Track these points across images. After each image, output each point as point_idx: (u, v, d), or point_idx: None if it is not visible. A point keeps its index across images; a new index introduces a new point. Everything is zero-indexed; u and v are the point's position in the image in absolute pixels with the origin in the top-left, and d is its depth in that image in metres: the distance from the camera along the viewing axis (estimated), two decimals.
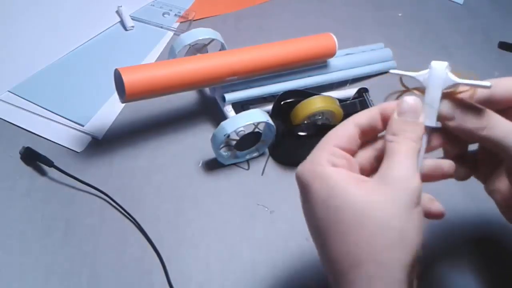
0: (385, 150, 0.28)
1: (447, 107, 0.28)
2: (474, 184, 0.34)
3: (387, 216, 0.25)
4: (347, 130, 0.29)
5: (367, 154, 0.30)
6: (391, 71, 0.30)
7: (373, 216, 0.26)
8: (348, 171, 0.28)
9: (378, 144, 0.30)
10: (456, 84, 0.28)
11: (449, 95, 0.28)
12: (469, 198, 0.46)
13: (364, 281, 0.25)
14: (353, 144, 0.29)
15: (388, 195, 0.26)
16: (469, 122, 0.28)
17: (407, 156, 0.27)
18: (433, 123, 0.28)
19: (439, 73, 0.28)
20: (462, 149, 0.32)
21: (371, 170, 0.30)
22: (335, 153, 0.28)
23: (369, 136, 0.30)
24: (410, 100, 0.28)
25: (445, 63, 0.28)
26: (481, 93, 0.29)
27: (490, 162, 0.32)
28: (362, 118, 0.30)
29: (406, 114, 0.28)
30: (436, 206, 0.30)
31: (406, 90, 0.30)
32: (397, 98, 0.30)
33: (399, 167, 0.27)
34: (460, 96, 0.28)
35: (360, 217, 0.26)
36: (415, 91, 0.29)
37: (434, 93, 0.28)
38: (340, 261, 0.26)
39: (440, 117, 0.28)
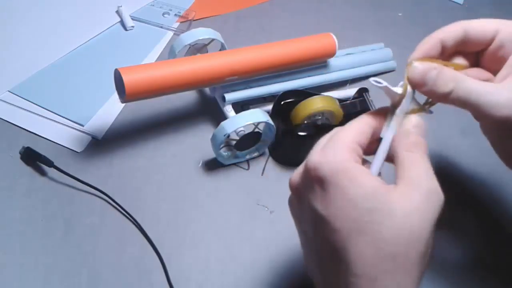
0: (403, 159, 0.28)
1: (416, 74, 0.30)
2: None
3: (421, 231, 0.25)
4: (362, 127, 0.29)
5: None
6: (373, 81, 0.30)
7: (408, 229, 0.25)
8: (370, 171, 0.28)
9: None
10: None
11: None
12: None
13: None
14: (366, 142, 0.29)
15: (422, 209, 0.26)
16: (438, 88, 0.29)
17: (427, 168, 0.27)
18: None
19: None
20: None
21: None
22: (356, 151, 0.28)
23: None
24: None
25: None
26: (455, 34, 0.31)
27: None
28: (374, 116, 0.30)
29: (417, 129, 0.29)
30: None
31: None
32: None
33: (427, 179, 0.27)
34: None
35: (397, 229, 0.25)
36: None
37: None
38: (368, 265, 0.25)
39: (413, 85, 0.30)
